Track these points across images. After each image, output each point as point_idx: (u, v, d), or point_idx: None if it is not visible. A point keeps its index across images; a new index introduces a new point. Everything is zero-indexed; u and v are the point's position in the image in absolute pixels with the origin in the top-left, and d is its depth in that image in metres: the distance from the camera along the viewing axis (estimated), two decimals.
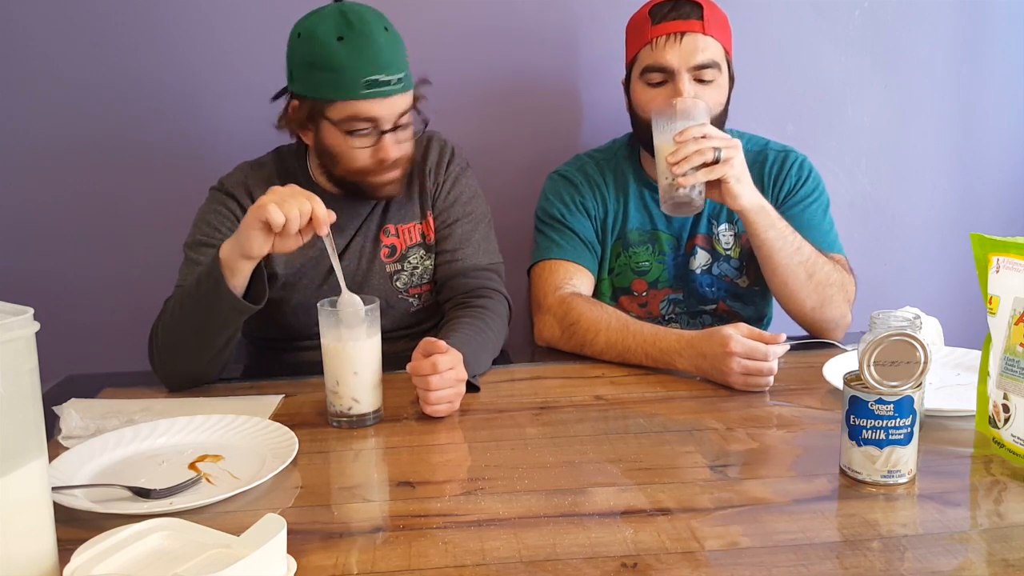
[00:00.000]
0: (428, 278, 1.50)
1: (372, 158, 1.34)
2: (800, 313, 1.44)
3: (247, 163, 1.47)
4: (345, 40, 1.28)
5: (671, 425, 1.12)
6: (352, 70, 1.28)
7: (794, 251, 1.38)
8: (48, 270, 1.81)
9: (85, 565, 0.72)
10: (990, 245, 1.00)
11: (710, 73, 1.43)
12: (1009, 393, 0.96)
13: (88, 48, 1.73)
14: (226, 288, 1.19)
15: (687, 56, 1.42)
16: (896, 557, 0.79)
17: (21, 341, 0.71)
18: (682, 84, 1.42)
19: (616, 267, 1.59)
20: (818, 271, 1.40)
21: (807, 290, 1.40)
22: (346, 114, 1.31)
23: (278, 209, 1.12)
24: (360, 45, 1.28)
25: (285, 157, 1.48)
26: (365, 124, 1.32)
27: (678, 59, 1.42)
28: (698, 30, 1.42)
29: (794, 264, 1.38)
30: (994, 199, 1.99)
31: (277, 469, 0.97)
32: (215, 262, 1.20)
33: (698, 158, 1.27)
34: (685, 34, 1.42)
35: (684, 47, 1.42)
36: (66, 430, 1.11)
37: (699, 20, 1.42)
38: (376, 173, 1.36)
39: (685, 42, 1.42)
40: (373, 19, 1.31)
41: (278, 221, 1.12)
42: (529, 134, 1.85)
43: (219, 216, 1.39)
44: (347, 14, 1.30)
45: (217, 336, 1.26)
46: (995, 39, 1.91)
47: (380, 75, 1.28)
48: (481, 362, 1.31)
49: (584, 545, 0.82)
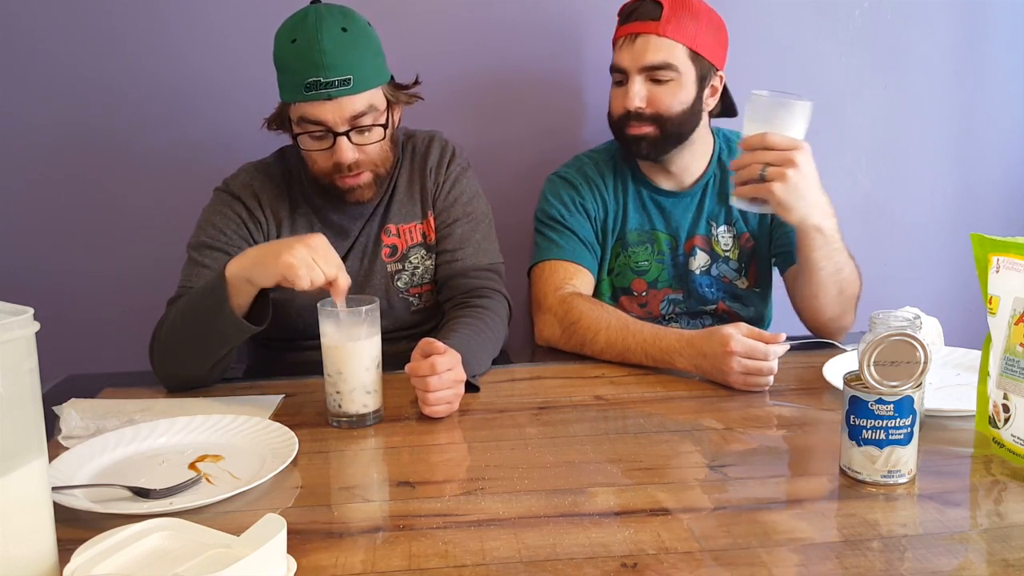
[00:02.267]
0: (429, 278, 1.49)
1: (329, 161, 1.34)
2: (816, 320, 1.44)
3: (251, 164, 1.47)
4: (296, 42, 1.28)
5: (671, 425, 1.12)
6: (296, 72, 1.28)
7: (835, 271, 1.37)
8: (48, 270, 1.81)
9: (85, 565, 0.72)
10: (990, 245, 1.00)
11: (665, 74, 1.44)
12: (1009, 393, 0.96)
13: (89, 48, 1.73)
14: (230, 310, 1.19)
15: (637, 57, 1.44)
16: (896, 557, 0.79)
17: (21, 341, 0.71)
18: (632, 85, 1.44)
19: (616, 267, 1.59)
20: (848, 288, 1.39)
21: (834, 304, 1.40)
22: (297, 115, 1.32)
23: (307, 276, 1.11)
24: (304, 47, 1.27)
25: (288, 158, 1.48)
26: (315, 127, 1.31)
27: (629, 60, 1.45)
28: (652, 31, 1.43)
29: (831, 283, 1.38)
30: (994, 199, 1.99)
31: (277, 469, 0.97)
32: (221, 281, 1.19)
33: (746, 174, 1.25)
34: (639, 35, 1.44)
35: (636, 48, 1.44)
36: (66, 430, 1.11)
37: (655, 21, 1.43)
38: (338, 176, 1.35)
39: (638, 43, 1.44)
40: (330, 19, 1.28)
41: (303, 287, 1.11)
42: (529, 134, 1.85)
43: (224, 218, 1.39)
44: (309, 15, 1.30)
45: (218, 349, 1.26)
46: (995, 39, 1.91)
47: (320, 76, 1.27)
48: (481, 362, 1.30)
49: (584, 545, 0.82)
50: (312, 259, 1.12)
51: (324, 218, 1.44)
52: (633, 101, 1.45)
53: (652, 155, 1.50)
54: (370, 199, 1.40)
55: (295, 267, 1.11)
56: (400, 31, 1.35)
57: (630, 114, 1.46)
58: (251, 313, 1.23)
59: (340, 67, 1.27)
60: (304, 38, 1.27)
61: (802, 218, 1.29)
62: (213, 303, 1.20)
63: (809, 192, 1.27)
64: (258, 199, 1.41)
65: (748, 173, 1.25)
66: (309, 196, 1.44)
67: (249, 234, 1.40)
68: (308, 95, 1.28)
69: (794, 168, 1.23)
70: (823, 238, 1.33)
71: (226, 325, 1.21)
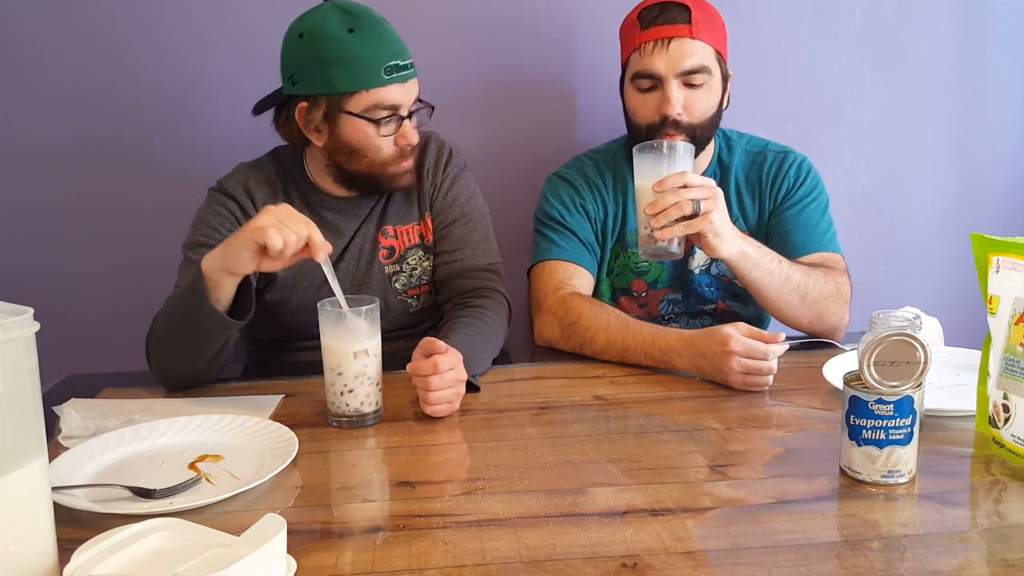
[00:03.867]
0: (427, 279, 1.49)
1: (395, 145, 1.36)
2: (797, 327, 1.44)
3: (245, 164, 1.47)
4: (357, 32, 1.29)
5: (671, 425, 1.12)
6: (371, 59, 1.29)
7: (783, 281, 1.36)
8: (48, 270, 1.81)
9: (85, 565, 0.72)
10: (990, 245, 1.00)
11: (699, 78, 1.42)
12: (1009, 393, 0.96)
13: (88, 49, 1.73)
14: (209, 304, 1.18)
15: (675, 62, 1.41)
16: (896, 557, 0.79)
17: (21, 341, 0.71)
18: (670, 91, 1.42)
19: (615, 268, 1.59)
20: (811, 291, 1.39)
21: (801, 311, 1.40)
22: (370, 103, 1.32)
23: (277, 234, 1.10)
24: (374, 34, 1.30)
25: (282, 159, 1.48)
26: (387, 111, 1.33)
27: (665, 66, 1.42)
28: (686, 35, 1.41)
29: (785, 293, 1.37)
30: (994, 199, 1.99)
31: (277, 469, 0.97)
32: (198, 276, 1.18)
33: (676, 212, 1.23)
34: (672, 39, 1.41)
35: (671, 53, 1.41)
36: (66, 430, 1.11)
37: (687, 24, 1.41)
38: (397, 162, 1.37)
39: (672, 48, 1.41)
40: (372, 11, 1.34)
41: (276, 246, 1.10)
42: (527, 135, 1.85)
43: (219, 217, 1.39)
44: (347, 9, 1.32)
45: (207, 346, 1.25)
46: (995, 39, 1.91)
47: (399, 60, 1.31)
48: (481, 362, 1.30)
49: (584, 545, 0.82)
50: (279, 221, 1.11)
51: (319, 217, 1.44)
52: (675, 107, 1.42)
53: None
54: (410, 185, 1.43)
55: (264, 228, 1.10)
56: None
57: (667, 121, 1.43)
58: (236, 308, 1.22)
59: (406, 51, 1.34)
60: (366, 26, 1.30)
61: (729, 250, 1.29)
62: (193, 300, 1.19)
63: (725, 226, 1.28)
64: (252, 198, 1.42)
65: (677, 211, 1.23)
66: (304, 195, 1.45)
67: None
68: (388, 79, 1.30)
69: (717, 201, 1.25)
70: (752, 259, 1.33)
71: (208, 321, 1.20)
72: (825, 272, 1.42)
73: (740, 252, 1.31)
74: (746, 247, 1.32)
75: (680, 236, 1.26)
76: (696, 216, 1.24)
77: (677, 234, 1.25)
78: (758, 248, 1.35)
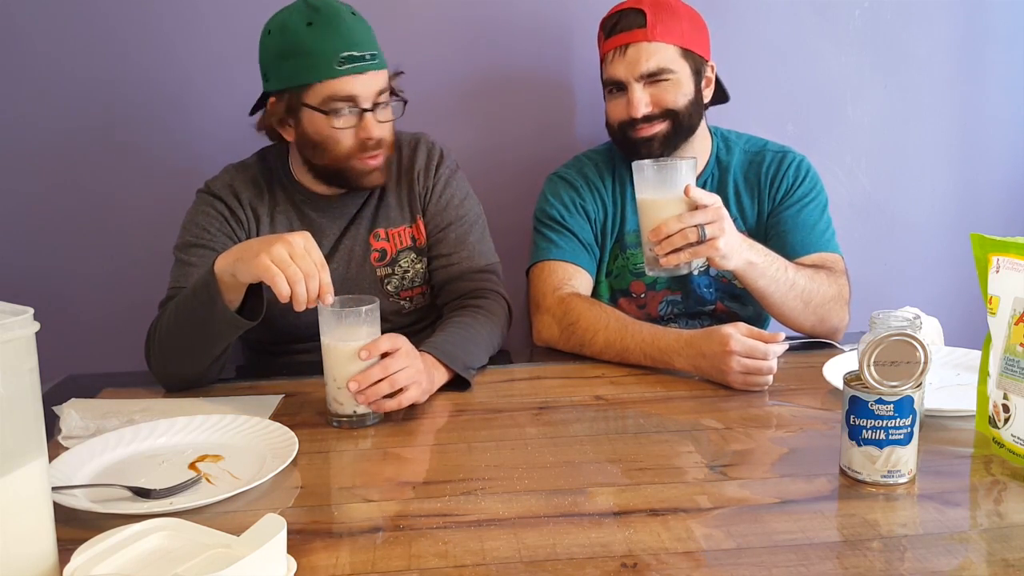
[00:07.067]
0: (420, 281, 1.49)
1: (355, 139, 1.34)
2: (800, 330, 1.45)
3: (232, 165, 1.48)
4: (314, 24, 1.30)
5: (671, 425, 1.12)
6: (325, 50, 1.29)
7: (788, 288, 1.37)
8: (48, 269, 1.81)
9: (85, 565, 0.72)
10: (990, 245, 1.00)
11: (662, 76, 1.45)
12: (1009, 393, 0.96)
13: (85, 48, 1.73)
14: (222, 305, 1.18)
15: (633, 67, 1.45)
16: (896, 557, 0.79)
17: (21, 341, 0.71)
18: (633, 94, 1.45)
19: (614, 269, 1.59)
20: (815, 296, 1.39)
21: (804, 315, 1.41)
22: (324, 95, 1.31)
23: (285, 283, 1.08)
24: (330, 26, 1.30)
25: (268, 158, 1.48)
26: (344, 103, 1.32)
27: (625, 71, 1.45)
28: (642, 39, 1.44)
29: (790, 299, 1.38)
30: (994, 199, 1.99)
31: (277, 469, 0.97)
32: (211, 276, 1.18)
33: (681, 240, 1.22)
34: (629, 45, 1.45)
35: (629, 58, 1.45)
36: (66, 430, 1.11)
37: (642, 28, 1.44)
38: (360, 157, 1.36)
39: (630, 53, 1.45)
40: (338, 4, 1.34)
41: (283, 294, 1.09)
42: (524, 135, 1.85)
43: (207, 217, 1.40)
44: (311, 3, 1.32)
45: (214, 346, 1.26)
46: (995, 39, 1.91)
47: (353, 51, 1.30)
48: (470, 353, 1.30)
49: (584, 545, 0.82)
50: (289, 257, 1.10)
51: (303, 216, 1.44)
52: (639, 109, 1.45)
53: (664, 152, 1.49)
54: (381, 184, 1.42)
55: (273, 277, 1.08)
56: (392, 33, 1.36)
57: (636, 120, 1.46)
58: (245, 308, 1.22)
59: (365, 43, 1.32)
60: (323, 19, 1.30)
61: (736, 264, 1.29)
62: (206, 299, 1.19)
63: (732, 246, 1.26)
64: (238, 198, 1.42)
65: (681, 239, 1.22)
66: (289, 194, 1.45)
67: (232, 231, 1.41)
68: (341, 70, 1.30)
69: (723, 224, 1.24)
70: (759, 269, 1.33)
71: (220, 320, 1.20)
72: (828, 275, 1.43)
73: (747, 263, 1.31)
74: (753, 257, 1.32)
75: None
76: (702, 243, 1.23)
77: (683, 260, 1.24)
78: (764, 256, 1.34)
